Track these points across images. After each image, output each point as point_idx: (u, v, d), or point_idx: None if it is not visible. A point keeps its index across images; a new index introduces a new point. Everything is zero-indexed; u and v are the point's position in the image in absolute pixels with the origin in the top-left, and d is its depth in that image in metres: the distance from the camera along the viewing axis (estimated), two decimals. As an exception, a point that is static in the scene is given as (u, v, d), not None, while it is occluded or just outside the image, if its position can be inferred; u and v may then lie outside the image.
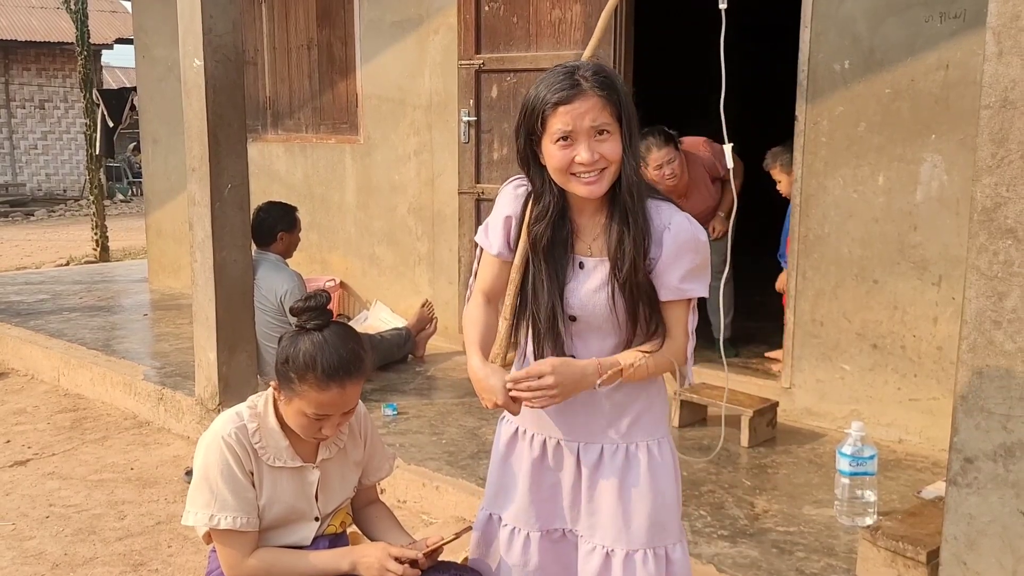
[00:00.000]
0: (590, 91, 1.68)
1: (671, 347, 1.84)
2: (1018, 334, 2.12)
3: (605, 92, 1.69)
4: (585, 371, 1.78)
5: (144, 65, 7.60)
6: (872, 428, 3.79)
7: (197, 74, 3.97)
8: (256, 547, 2.02)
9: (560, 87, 1.69)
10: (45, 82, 19.42)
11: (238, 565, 1.99)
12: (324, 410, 1.95)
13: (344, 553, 2.03)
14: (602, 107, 1.69)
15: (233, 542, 1.98)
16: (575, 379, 1.77)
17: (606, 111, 1.70)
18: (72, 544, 3.30)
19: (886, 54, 3.73)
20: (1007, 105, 2.09)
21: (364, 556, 1.99)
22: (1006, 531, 2.19)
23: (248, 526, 1.98)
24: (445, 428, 4.08)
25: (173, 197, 7.39)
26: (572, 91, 1.68)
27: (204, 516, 1.96)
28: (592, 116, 1.69)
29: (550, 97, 1.70)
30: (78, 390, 5.16)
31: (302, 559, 2.02)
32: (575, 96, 1.68)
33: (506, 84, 5.02)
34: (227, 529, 1.96)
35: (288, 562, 2.01)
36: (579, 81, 1.69)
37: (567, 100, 1.69)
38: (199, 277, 4.15)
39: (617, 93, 1.71)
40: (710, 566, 2.81)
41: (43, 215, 16.57)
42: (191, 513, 1.99)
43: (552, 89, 1.70)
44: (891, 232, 3.79)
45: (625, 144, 1.73)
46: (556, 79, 1.71)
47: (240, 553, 1.99)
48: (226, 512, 1.96)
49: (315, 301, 1.97)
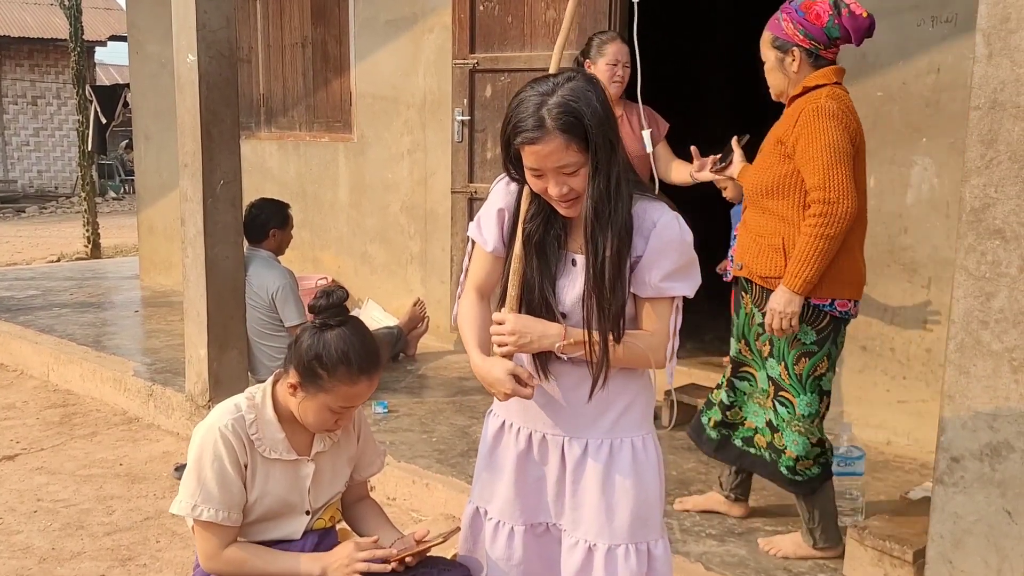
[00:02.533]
0: (553, 132, 1.69)
1: (648, 341, 1.84)
2: (1005, 334, 2.13)
3: (568, 131, 1.69)
4: (547, 330, 1.81)
5: (137, 62, 7.58)
6: (861, 429, 3.81)
7: (190, 70, 3.96)
8: (235, 541, 2.03)
9: (525, 127, 1.70)
10: (38, 78, 19.34)
11: (214, 556, 2.01)
12: (351, 402, 1.99)
13: (316, 558, 2.04)
14: (566, 147, 1.70)
15: (213, 533, 2.00)
16: (535, 333, 1.81)
17: (571, 149, 1.70)
18: (60, 539, 3.29)
19: (878, 57, 3.75)
20: (996, 106, 2.10)
21: (333, 558, 2.01)
22: (992, 530, 2.20)
23: (228, 521, 1.99)
24: (435, 426, 4.09)
25: (165, 194, 7.38)
26: (536, 133, 1.69)
27: (188, 505, 1.98)
28: (556, 158, 1.71)
29: (517, 135, 1.72)
30: (68, 386, 5.15)
31: (276, 559, 2.03)
32: (539, 139, 1.70)
33: (500, 84, 5.02)
34: (208, 521, 1.97)
35: (263, 559, 2.03)
36: (543, 120, 1.69)
37: (532, 142, 1.70)
38: (190, 273, 4.14)
39: (582, 126, 1.69)
40: (698, 564, 2.82)
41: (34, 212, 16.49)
42: (178, 501, 2.01)
43: (519, 128, 1.72)
44: (881, 234, 3.81)
45: (595, 166, 1.72)
46: (525, 114, 1.71)
47: (218, 545, 2.00)
48: (209, 504, 1.97)
49: (335, 297, 2.00)
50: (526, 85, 1.77)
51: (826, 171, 2.62)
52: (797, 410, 2.78)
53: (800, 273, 2.65)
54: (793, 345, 2.76)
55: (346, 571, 1.97)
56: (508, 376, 1.80)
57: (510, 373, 1.80)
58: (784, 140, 2.74)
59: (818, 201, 2.63)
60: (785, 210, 2.75)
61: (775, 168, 2.76)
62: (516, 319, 1.82)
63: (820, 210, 2.63)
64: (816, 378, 2.77)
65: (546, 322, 1.83)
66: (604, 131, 1.72)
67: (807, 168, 2.66)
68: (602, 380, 1.83)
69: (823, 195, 2.62)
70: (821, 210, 2.63)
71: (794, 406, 2.79)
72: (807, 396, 2.77)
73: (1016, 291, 2.11)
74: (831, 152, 2.62)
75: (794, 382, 2.77)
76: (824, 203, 2.62)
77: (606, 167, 1.73)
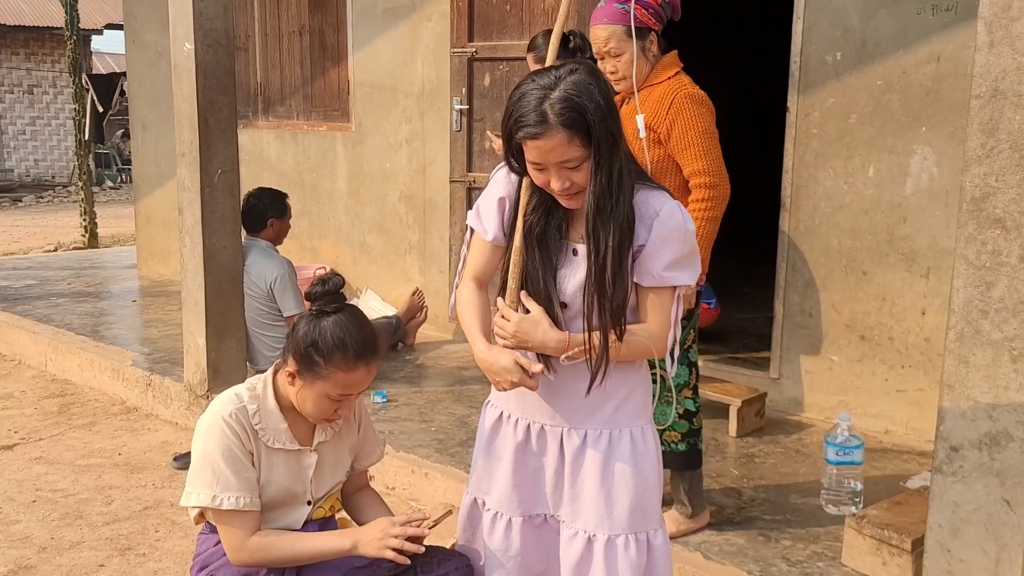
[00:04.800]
0: (556, 127, 1.67)
1: (649, 332, 1.84)
2: (1005, 323, 2.13)
3: (571, 126, 1.67)
4: (547, 340, 1.81)
5: (134, 50, 7.54)
6: (859, 419, 3.81)
7: (187, 58, 3.94)
8: (259, 527, 2.02)
9: (527, 121, 1.69)
10: (34, 67, 19.25)
11: (241, 546, 1.99)
12: (349, 390, 1.98)
13: (346, 534, 2.03)
14: (568, 141, 1.68)
15: (236, 522, 1.98)
16: (534, 341, 1.81)
17: (574, 143, 1.69)
18: (59, 528, 3.29)
19: (878, 46, 3.74)
20: (997, 95, 2.09)
21: (365, 534, 2.00)
22: (990, 519, 2.20)
23: (251, 505, 1.98)
24: (434, 416, 4.09)
25: (162, 183, 7.35)
26: (539, 128, 1.68)
27: (207, 497, 1.95)
28: (559, 153, 1.69)
29: (519, 130, 1.71)
30: (66, 376, 5.14)
31: (303, 539, 2.03)
32: (542, 133, 1.68)
33: (499, 72, 5.00)
34: (230, 509, 1.96)
35: (289, 541, 2.01)
36: (546, 114, 1.67)
37: (534, 137, 1.69)
38: (188, 263, 4.13)
39: (585, 121, 1.68)
40: (696, 553, 2.82)
41: (31, 201, 16.45)
42: (192, 494, 1.98)
43: (521, 123, 1.70)
44: (881, 224, 3.81)
45: (598, 160, 1.71)
46: (527, 108, 1.69)
47: (243, 533, 1.98)
48: (229, 492, 1.95)
49: (332, 284, 2.00)
50: (527, 77, 1.76)
51: (707, 156, 2.73)
52: (668, 382, 2.86)
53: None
54: None
55: (380, 545, 1.96)
56: (515, 366, 1.80)
57: (517, 363, 1.80)
58: (653, 126, 2.77)
59: (704, 186, 2.73)
60: None
61: (646, 154, 2.79)
62: (519, 324, 1.81)
63: (706, 194, 2.73)
64: (685, 351, 2.91)
65: (548, 329, 1.81)
66: (607, 125, 1.70)
67: (686, 153, 2.74)
68: (601, 377, 1.82)
69: (708, 179, 2.73)
70: (707, 194, 2.73)
71: (665, 379, 2.86)
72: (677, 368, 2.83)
73: (1016, 280, 2.11)
74: (709, 137, 2.75)
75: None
76: (709, 187, 2.73)
77: (608, 161, 1.73)
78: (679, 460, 2.94)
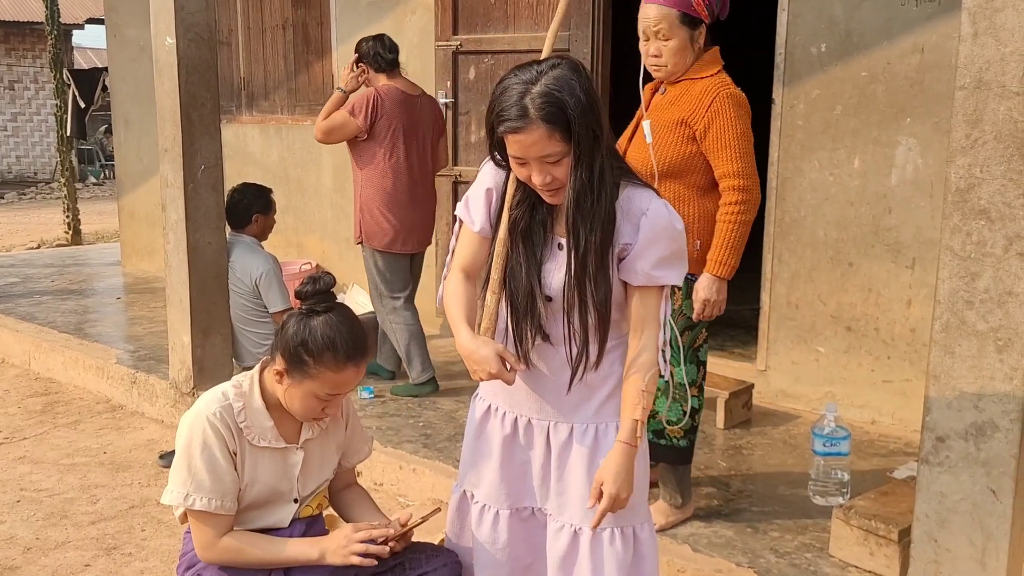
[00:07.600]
0: (536, 122, 1.67)
1: (647, 339, 1.83)
2: (990, 314, 2.14)
3: (551, 121, 1.67)
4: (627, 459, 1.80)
5: (115, 45, 7.47)
6: (846, 410, 3.83)
7: (169, 53, 3.91)
8: (231, 529, 2.01)
9: (508, 115, 1.69)
10: (14, 62, 19.06)
11: (211, 545, 1.99)
12: (337, 390, 1.97)
13: (314, 542, 2.03)
14: (549, 137, 1.68)
15: (207, 522, 1.98)
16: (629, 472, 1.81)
17: (554, 138, 1.68)
18: (44, 528, 3.27)
19: (862, 37, 3.75)
20: (981, 86, 2.10)
21: (331, 543, 2.00)
22: (976, 509, 2.22)
23: (222, 509, 1.97)
24: (422, 411, 4.07)
25: (146, 179, 7.30)
26: (519, 123, 1.68)
27: (180, 495, 1.95)
28: (539, 148, 1.69)
29: (500, 124, 1.71)
30: (50, 374, 5.10)
31: (274, 545, 2.02)
32: (522, 128, 1.68)
33: (484, 66, 4.98)
34: (201, 510, 1.95)
35: (260, 547, 2.01)
36: (526, 109, 1.67)
37: (515, 131, 1.69)
38: (172, 260, 4.10)
39: (565, 116, 1.67)
40: (685, 546, 2.83)
41: (13, 198, 16.29)
42: (168, 491, 1.98)
43: (502, 117, 1.70)
44: (866, 215, 3.82)
45: (577, 156, 1.71)
46: (509, 102, 1.69)
47: (214, 533, 1.98)
48: (201, 493, 1.94)
49: (323, 283, 1.98)
50: (510, 71, 1.75)
51: (743, 159, 2.70)
52: (675, 379, 2.85)
53: (727, 260, 2.72)
54: (679, 319, 2.82)
55: (344, 553, 1.96)
56: (496, 356, 1.79)
57: (498, 354, 1.80)
58: (690, 122, 2.73)
59: (737, 188, 2.70)
60: (681, 189, 2.78)
61: (677, 148, 2.76)
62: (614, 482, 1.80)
63: (739, 197, 2.70)
64: (695, 349, 2.88)
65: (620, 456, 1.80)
66: (587, 121, 1.70)
67: (722, 154, 2.70)
68: (582, 371, 1.83)
69: (742, 182, 2.69)
70: (741, 197, 2.70)
71: (672, 375, 2.87)
72: (686, 366, 2.87)
73: (1001, 271, 2.11)
74: (746, 140, 2.71)
75: (676, 354, 2.83)
76: (743, 190, 2.70)
77: (589, 157, 1.72)
78: (676, 454, 2.93)
